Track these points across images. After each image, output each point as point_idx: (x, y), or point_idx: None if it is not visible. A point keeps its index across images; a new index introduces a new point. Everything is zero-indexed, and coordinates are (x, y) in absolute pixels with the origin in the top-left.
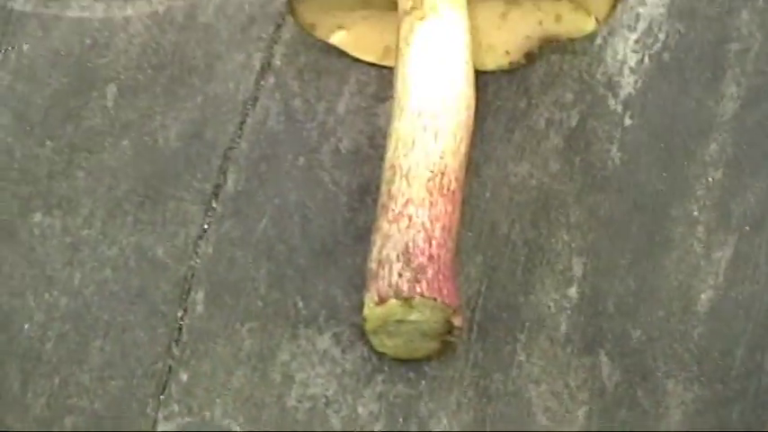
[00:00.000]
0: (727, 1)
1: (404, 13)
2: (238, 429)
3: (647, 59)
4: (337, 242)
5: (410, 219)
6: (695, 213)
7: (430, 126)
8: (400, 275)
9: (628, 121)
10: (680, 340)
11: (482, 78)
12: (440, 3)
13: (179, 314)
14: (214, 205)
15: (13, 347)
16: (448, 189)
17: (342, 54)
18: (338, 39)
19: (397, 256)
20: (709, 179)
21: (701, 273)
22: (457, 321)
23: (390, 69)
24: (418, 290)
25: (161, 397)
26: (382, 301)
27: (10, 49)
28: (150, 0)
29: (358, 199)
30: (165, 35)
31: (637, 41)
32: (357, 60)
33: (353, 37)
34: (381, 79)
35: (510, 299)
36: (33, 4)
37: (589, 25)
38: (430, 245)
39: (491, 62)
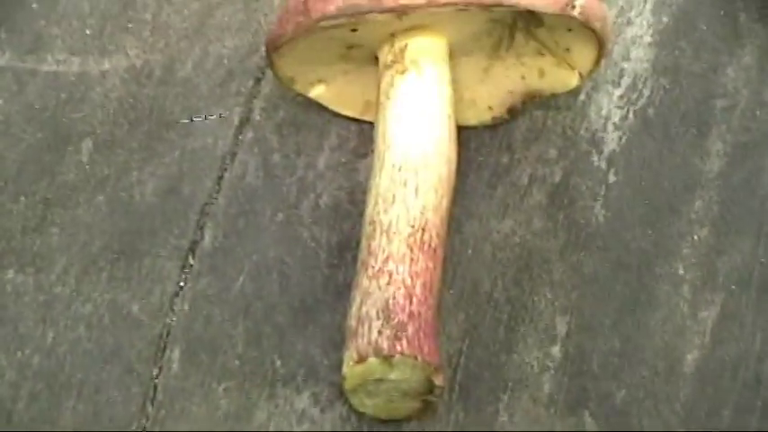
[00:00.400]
0: (712, 57)
1: (384, 66)
2: None
3: (631, 115)
4: (316, 299)
5: (390, 275)
6: (681, 272)
7: (410, 181)
8: (380, 333)
9: (612, 178)
10: (665, 401)
11: (464, 133)
12: (421, 56)
13: (154, 373)
14: (191, 262)
15: None
16: (429, 245)
17: (322, 108)
18: (318, 93)
19: (377, 313)
20: (695, 237)
21: (687, 332)
22: (438, 380)
23: (371, 124)
24: (398, 348)
25: None
26: (362, 359)
27: None
28: (127, 54)
29: (337, 255)
30: (142, 89)
31: (621, 97)
32: (337, 115)
33: (334, 91)
34: (362, 134)
35: (492, 358)
36: (8, 57)
37: (573, 81)
38: (410, 302)
39: (473, 117)
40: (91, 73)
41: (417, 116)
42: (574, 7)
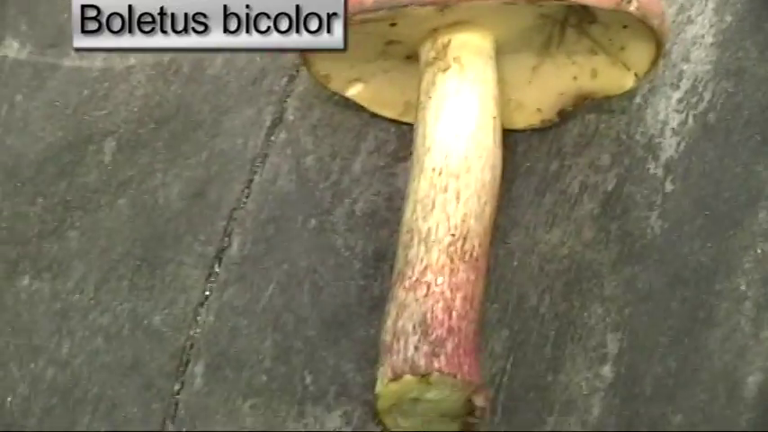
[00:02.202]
0: None
1: (426, 64)
2: None
3: (690, 120)
4: (350, 312)
5: (428, 287)
6: (742, 288)
7: (451, 186)
8: (417, 349)
9: (669, 187)
10: (725, 427)
11: (511, 137)
12: (465, 53)
13: (176, 388)
14: (217, 270)
15: None
16: (470, 255)
17: (359, 109)
18: (355, 92)
19: (414, 327)
20: (759, 251)
21: (749, 354)
22: (479, 401)
23: (411, 126)
24: (436, 365)
25: None
26: (397, 376)
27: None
28: None
29: (373, 265)
30: (169, 87)
31: (680, 101)
32: (375, 116)
33: (372, 90)
34: (402, 137)
35: (538, 378)
36: (28, 51)
37: (628, 82)
38: (450, 316)
39: (521, 120)
40: (115, 69)
41: (460, 117)
42: (630, 2)
